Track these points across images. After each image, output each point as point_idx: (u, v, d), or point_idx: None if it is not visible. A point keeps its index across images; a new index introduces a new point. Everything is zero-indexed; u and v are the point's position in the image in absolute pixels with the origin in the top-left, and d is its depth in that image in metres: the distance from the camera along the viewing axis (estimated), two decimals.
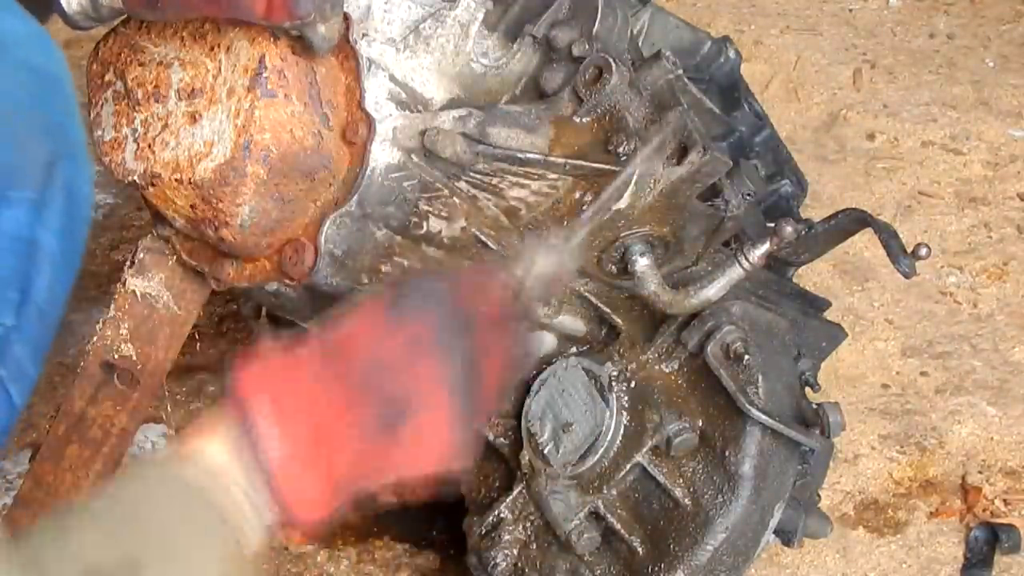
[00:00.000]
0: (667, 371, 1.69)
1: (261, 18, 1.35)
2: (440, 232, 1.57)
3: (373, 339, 1.15)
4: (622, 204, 1.56)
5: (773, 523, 1.65)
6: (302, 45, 1.45)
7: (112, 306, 1.72)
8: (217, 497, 1.08)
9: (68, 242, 1.42)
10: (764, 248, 1.56)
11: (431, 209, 1.56)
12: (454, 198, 1.56)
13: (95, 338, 1.72)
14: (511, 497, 1.75)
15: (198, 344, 2.27)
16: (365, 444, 1.12)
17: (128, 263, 1.71)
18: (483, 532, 1.76)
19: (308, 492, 1.11)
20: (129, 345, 1.70)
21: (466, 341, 1.16)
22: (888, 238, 1.65)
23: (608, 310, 1.69)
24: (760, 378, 1.62)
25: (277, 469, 1.09)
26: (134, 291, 1.70)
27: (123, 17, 1.56)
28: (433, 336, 1.15)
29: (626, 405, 1.69)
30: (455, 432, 1.15)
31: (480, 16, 1.59)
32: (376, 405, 1.12)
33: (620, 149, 1.55)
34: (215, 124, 1.46)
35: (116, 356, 1.71)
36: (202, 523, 1.07)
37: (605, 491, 1.68)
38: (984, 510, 2.08)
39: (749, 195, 1.79)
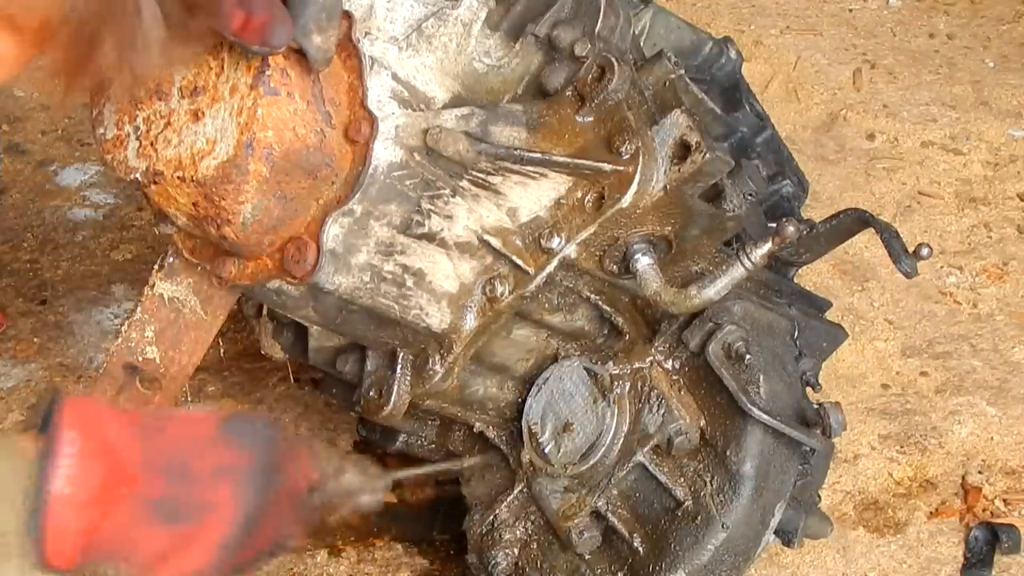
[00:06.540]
0: (668, 370, 1.69)
1: (233, 34, 1.34)
2: (442, 231, 1.57)
3: (196, 441, 1.24)
4: (624, 204, 1.56)
5: (774, 523, 1.65)
6: (300, 55, 1.43)
7: (138, 308, 1.71)
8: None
9: None
10: (766, 248, 1.56)
11: (433, 208, 1.55)
12: (456, 196, 1.56)
13: (119, 339, 1.71)
14: (512, 496, 1.75)
15: None
16: (138, 522, 1.19)
17: (157, 266, 1.70)
18: (484, 531, 1.76)
19: (66, 535, 1.15)
20: (154, 348, 1.70)
21: (264, 496, 1.25)
22: (890, 238, 1.66)
23: (610, 310, 1.69)
24: (761, 378, 1.62)
25: (53, 500, 1.14)
26: (162, 295, 1.69)
27: None
28: (246, 473, 1.24)
29: (627, 405, 1.69)
30: (214, 560, 1.23)
31: (482, 15, 1.59)
32: (166, 496, 1.20)
33: (622, 148, 1.55)
34: (218, 122, 1.45)
35: (140, 359, 1.70)
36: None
37: (606, 490, 1.68)
38: (984, 510, 2.08)
39: (751, 195, 1.79)
